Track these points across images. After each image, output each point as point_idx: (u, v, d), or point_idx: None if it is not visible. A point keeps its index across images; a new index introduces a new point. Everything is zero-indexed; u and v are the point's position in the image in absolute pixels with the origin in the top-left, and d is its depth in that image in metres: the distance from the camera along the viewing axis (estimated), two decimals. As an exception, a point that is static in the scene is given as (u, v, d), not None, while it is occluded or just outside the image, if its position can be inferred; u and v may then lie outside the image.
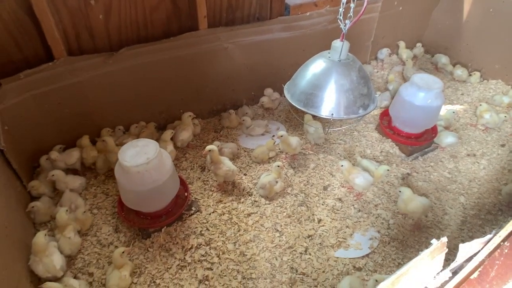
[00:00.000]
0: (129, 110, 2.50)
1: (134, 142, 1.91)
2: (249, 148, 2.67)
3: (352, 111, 1.77)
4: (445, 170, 2.65)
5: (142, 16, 2.30)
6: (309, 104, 1.78)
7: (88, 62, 2.17)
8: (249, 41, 2.71)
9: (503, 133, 2.99)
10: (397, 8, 3.47)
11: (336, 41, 1.73)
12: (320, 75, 1.75)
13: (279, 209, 2.25)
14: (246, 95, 3.04)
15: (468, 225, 2.26)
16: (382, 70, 3.70)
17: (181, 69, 2.53)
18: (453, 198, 2.44)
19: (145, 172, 1.81)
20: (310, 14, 2.81)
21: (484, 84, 3.57)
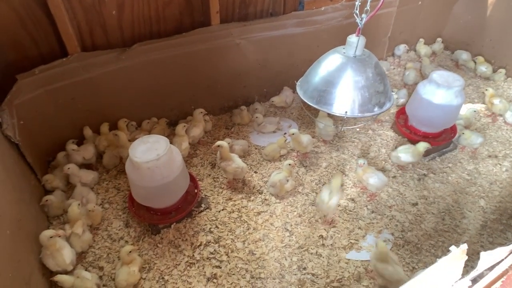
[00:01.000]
0: (141, 106, 2.49)
1: (145, 138, 1.88)
2: (260, 145, 2.61)
3: (367, 109, 1.67)
4: (464, 172, 2.51)
5: (155, 12, 2.27)
6: (322, 101, 1.69)
7: (101, 58, 2.17)
8: (262, 36, 2.64)
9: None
10: (416, 2, 3.31)
11: (351, 36, 1.63)
12: (334, 72, 1.66)
13: (289, 208, 2.19)
14: (258, 92, 2.98)
15: (489, 230, 2.14)
16: (399, 66, 3.55)
17: (193, 65, 2.50)
18: (473, 201, 2.30)
19: (155, 169, 1.78)
20: (325, 9, 2.71)
21: (508, 82, 3.37)
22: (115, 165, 2.32)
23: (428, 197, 2.31)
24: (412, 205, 2.26)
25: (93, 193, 2.10)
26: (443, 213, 2.22)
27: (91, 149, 2.24)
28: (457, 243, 2.09)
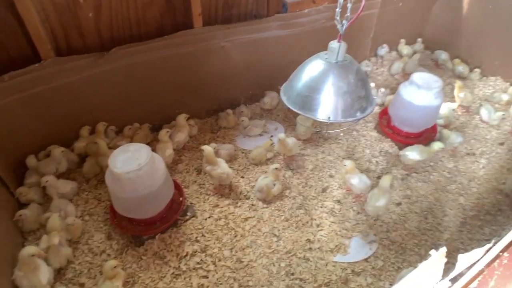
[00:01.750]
0: (122, 111, 2.35)
1: (126, 147, 1.77)
2: (246, 149, 2.53)
3: (350, 114, 1.64)
4: (445, 170, 2.52)
5: (134, 14, 2.13)
6: (305, 107, 1.65)
7: (78, 63, 2.02)
8: (246, 39, 2.55)
9: (502, 131, 2.86)
10: (397, 4, 3.30)
11: (333, 42, 1.59)
12: (317, 77, 1.61)
13: (277, 212, 2.13)
14: (244, 94, 2.89)
15: (468, 227, 2.15)
16: (382, 67, 3.54)
17: (176, 68, 2.38)
18: (453, 199, 2.31)
19: (136, 179, 1.68)
20: (308, 11, 2.64)
21: (483, 81, 3.42)
22: (95, 174, 2.19)
23: (411, 196, 2.30)
24: (396, 205, 2.25)
25: (72, 205, 1.97)
26: (426, 212, 2.21)
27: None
28: (439, 241, 2.11)
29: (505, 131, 2.85)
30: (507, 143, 2.76)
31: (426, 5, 3.56)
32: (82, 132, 2.23)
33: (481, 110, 2.93)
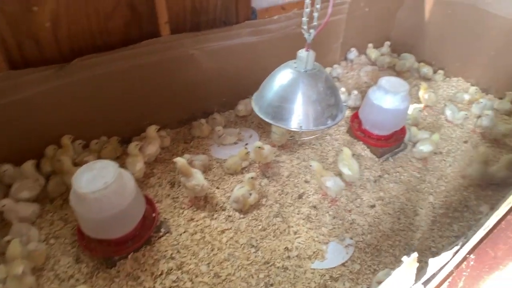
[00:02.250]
0: (88, 125, 2.21)
1: (91, 165, 1.65)
2: (221, 158, 2.46)
3: (321, 122, 1.62)
4: (415, 170, 2.57)
5: (97, 25, 2.01)
6: (277, 116, 1.61)
7: (36, 76, 1.87)
8: (216, 46, 2.48)
9: (465, 130, 2.96)
10: (364, 9, 3.34)
11: (301, 50, 1.57)
12: (287, 87, 1.59)
13: (254, 222, 2.08)
14: (217, 102, 2.81)
15: (438, 225, 2.20)
16: (351, 70, 3.58)
17: (145, 78, 2.27)
18: (423, 198, 2.36)
19: (103, 198, 1.57)
20: (278, 17, 2.61)
21: (447, 81, 3.54)
22: (61, 193, 2.03)
23: (384, 198, 2.33)
24: (370, 207, 2.26)
25: (35, 228, 1.81)
26: (398, 213, 2.24)
27: None
28: (412, 241, 2.14)
29: (468, 130, 2.96)
30: (470, 140, 2.86)
31: (391, 10, 3.64)
32: (47, 151, 2.07)
33: (445, 110, 3.03)
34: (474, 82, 3.44)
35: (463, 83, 3.50)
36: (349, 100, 2.99)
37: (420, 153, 2.55)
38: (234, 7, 2.42)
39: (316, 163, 2.22)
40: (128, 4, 2.05)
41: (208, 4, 2.37)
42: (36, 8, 1.77)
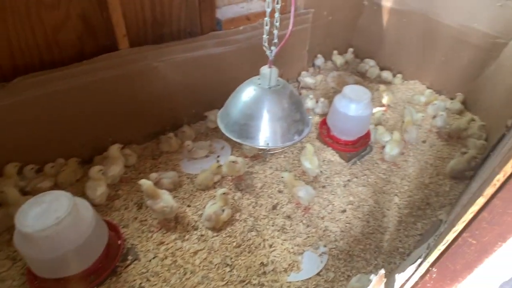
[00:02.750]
0: (41, 148, 1.90)
1: (39, 198, 1.38)
2: (192, 173, 2.24)
3: (288, 138, 1.47)
4: (381, 172, 2.50)
5: (43, 38, 1.71)
6: (243, 135, 1.43)
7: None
8: (182, 58, 2.25)
9: (423, 130, 2.96)
10: (327, 18, 3.24)
11: (264, 67, 1.40)
12: (252, 104, 1.41)
13: (228, 239, 1.88)
14: (187, 113, 2.58)
15: (404, 225, 2.14)
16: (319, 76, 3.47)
17: (104, 94, 1.99)
18: (389, 199, 2.29)
19: (56, 236, 1.31)
20: (243, 28, 2.42)
21: (405, 84, 3.54)
22: (7, 227, 1.70)
23: (353, 202, 2.23)
24: (341, 212, 2.15)
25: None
26: (368, 216, 2.15)
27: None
28: (381, 243, 2.04)
29: (426, 130, 2.96)
30: (428, 140, 2.85)
31: (353, 18, 3.58)
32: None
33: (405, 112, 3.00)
34: (428, 85, 3.47)
35: (419, 86, 3.52)
36: (316, 108, 2.87)
37: (391, 157, 2.49)
38: (198, 18, 2.19)
39: (287, 174, 2.07)
40: (80, 15, 1.76)
41: (170, 16, 2.12)
42: (-34, 21, 1.45)
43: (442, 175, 2.49)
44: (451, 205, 2.30)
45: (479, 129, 2.74)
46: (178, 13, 2.17)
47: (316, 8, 2.97)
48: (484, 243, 0.83)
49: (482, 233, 0.83)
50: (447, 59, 3.19)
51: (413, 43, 3.35)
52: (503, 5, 2.67)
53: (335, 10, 3.27)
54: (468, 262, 0.89)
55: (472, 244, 0.86)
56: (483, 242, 0.84)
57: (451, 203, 2.31)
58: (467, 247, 0.87)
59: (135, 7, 1.95)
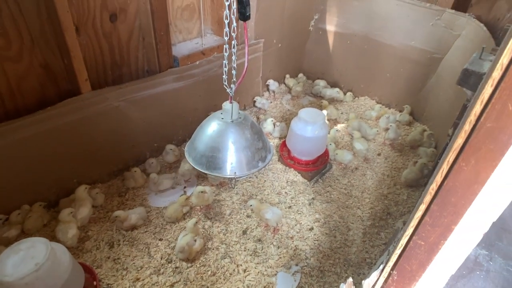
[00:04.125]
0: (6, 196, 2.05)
1: (16, 246, 1.57)
2: (160, 206, 2.50)
3: (253, 166, 1.84)
4: (342, 187, 2.96)
5: (7, 88, 1.93)
6: (211, 166, 1.78)
7: None
8: (142, 95, 2.56)
9: (378, 143, 3.51)
10: (277, 45, 3.79)
11: (226, 103, 1.79)
12: (217, 137, 1.77)
13: (203, 269, 2.15)
14: (149, 148, 2.85)
15: (368, 236, 2.51)
16: (274, 100, 3.97)
17: (67, 138, 2.22)
18: (352, 213, 2.71)
19: (36, 282, 1.50)
20: (199, 62, 2.82)
21: (356, 101, 4.17)
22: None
23: (319, 219, 2.62)
24: (309, 230, 2.53)
25: None
26: (334, 231, 2.55)
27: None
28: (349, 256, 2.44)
29: (380, 143, 3.52)
30: (383, 152, 3.41)
31: (301, 43, 4.19)
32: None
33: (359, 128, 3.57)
34: (378, 100, 4.13)
35: (369, 101, 4.16)
36: (274, 132, 3.33)
37: (342, 159, 3.05)
38: (155, 57, 2.55)
39: (254, 201, 2.39)
40: (42, 65, 2.02)
41: (129, 57, 2.46)
42: None
43: (399, 185, 2.94)
44: (409, 212, 2.78)
45: (428, 137, 3.28)
46: (135, 54, 2.51)
47: (266, 37, 3.50)
48: (430, 243, 1.00)
49: (427, 235, 0.99)
50: (392, 75, 3.87)
51: (359, 62, 4.01)
52: (434, 24, 3.40)
53: (284, 38, 3.84)
54: (421, 262, 1.05)
55: (422, 245, 1.02)
56: (430, 243, 1.00)
57: (410, 211, 2.79)
58: (418, 248, 1.04)
59: (94, 52, 2.26)
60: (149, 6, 2.30)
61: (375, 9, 3.69)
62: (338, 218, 2.65)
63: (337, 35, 4.04)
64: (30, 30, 1.92)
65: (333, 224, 2.60)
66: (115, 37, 2.34)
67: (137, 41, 2.48)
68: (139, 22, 2.41)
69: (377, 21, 3.71)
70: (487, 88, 0.80)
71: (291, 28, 3.87)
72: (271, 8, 3.43)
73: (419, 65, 3.62)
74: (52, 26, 1.98)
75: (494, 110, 0.78)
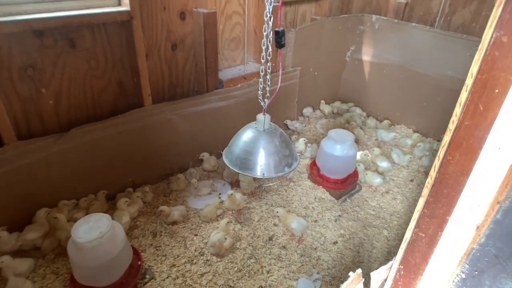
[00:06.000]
0: (78, 185, 2.62)
1: (87, 218, 2.06)
2: (198, 208, 2.92)
3: (279, 170, 2.19)
4: (370, 208, 3.15)
5: (91, 99, 2.57)
6: (243, 167, 2.16)
7: (37, 145, 2.33)
8: (190, 111, 3.10)
9: (411, 170, 3.67)
10: (313, 73, 4.23)
11: (259, 114, 2.19)
12: (250, 143, 2.17)
13: (230, 265, 2.48)
14: (192, 158, 3.35)
15: (393, 255, 2.63)
16: (309, 124, 4.34)
17: (129, 141, 2.78)
18: (378, 232, 2.88)
19: (99, 247, 1.95)
20: (241, 85, 3.34)
21: (392, 129, 4.38)
22: (52, 249, 2.36)
23: (344, 234, 2.83)
24: (333, 243, 2.75)
25: (30, 282, 2.10)
26: (358, 247, 2.74)
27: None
28: (371, 271, 2.59)
29: (413, 170, 3.67)
30: (416, 179, 3.55)
31: (337, 73, 4.60)
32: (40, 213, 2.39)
33: (392, 154, 3.77)
34: (415, 128, 4.30)
35: (405, 129, 4.35)
36: (306, 152, 3.67)
37: (372, 181, 3.27)
38: (204, 80, 3.11)
39: (281, 209, 2.72)
40: (118, 82, 2.66)
41: (183, 79, 3.05)
42: (44, 90, 2.32)
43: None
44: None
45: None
46: (189, 77, 3.10)
47: (302, 65, 3.97)
48: (430, 235, 1.05)
49: (426, 226, 1.06)
50: (428, 104, 4.05)
51: (395, 91, 4.27)
52: (472, 54, 3.62)
53: (320, 67, 4.28)
54: (423, 255, 1.10)
55: (423, 237, 1.08)
56: (429, 234, 1.06)
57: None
58: (420, 241, 1.09)
59: (157, 74, 2.87)
60: (203, 38, 2.89)
61: (410, 40, 4.00)
62: (363, 235, 2.84)
63: (373, 65, 4.38)
64: (113, 55, 2.58)
65: (358, 240, 2.79)
66: (174, 62, 2.95)
67: (190, 67, 3.08)
68: (193, 51, 3.02)
69: (413, 51, 4.00)
70: (463, 93, 1.03)
71: (327, 58, 4.32)
72: (308, 40, 3.92)
73: (456, 94, 3.74)
74: (128, 53, 2.62)
75: (469, 110, 0.98)
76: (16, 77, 2.21)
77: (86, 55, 2.44)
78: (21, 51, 2.18)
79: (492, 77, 1.00)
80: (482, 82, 1.04)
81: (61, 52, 2.33)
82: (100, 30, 2.43)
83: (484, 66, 1.03)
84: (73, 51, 2.38)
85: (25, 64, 2.22)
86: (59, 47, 2.31)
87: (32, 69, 2.26)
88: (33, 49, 2.21)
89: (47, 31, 2.21)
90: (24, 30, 2.10)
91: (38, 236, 2.29)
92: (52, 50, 2.29)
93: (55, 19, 2.15)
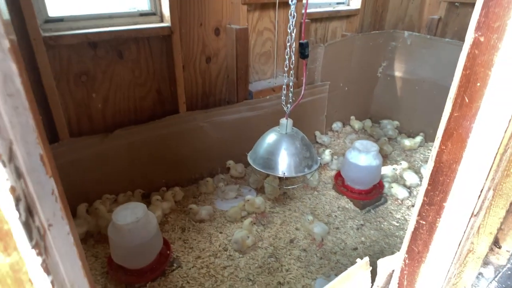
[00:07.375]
0: (118, 181, 3.04)
1: (126, 205, 2.43)
2: (224, 209, 3.21)
3: (299, 170, 2.44)
4: (394, 220, 3.26)
5: (133, 104, 3.03)
6: (266, 166, 2.45)
7: (86, 142, 2.79)
8: (221, 120, 3.47)
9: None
10: (343, 88, 4.48)
11: (282, 119, 2.49)
12: (273, 145, 2.46)
13: (251, 261, 2.71)
14: (221, 164, 3.68)
15: None
16: (338, 138, 4.55)
17: (164, 145, 3.19)
18: (400, 242, 2.99)
19: (134, 230, 2.30)
20: (269, 97, 3.67)
21: (426, 146, 4.45)
22: (93, 235, 2.76)
23: (365, 242, 2.97)
24: (353, 249, 2.89)
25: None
26: (378, 254, 2.86)
27: None
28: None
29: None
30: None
31: (369, 88, 4.80)
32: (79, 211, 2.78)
33: (421, 169, 3.85)
34: (449, 146, 4.34)
35: (439, 147, 4.40)
36: (332, 164, 3.87)
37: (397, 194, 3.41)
38: (235, 90, 3.49)
39: (312, 216, 2.93)
40: (157, 90, 3.11)
41: (215, 89, 3.45)
42: (94, 94, 2.81)
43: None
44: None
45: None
46: (220, 87, 3.50)
47: (332, 80, 4.24)
48: (429, 222, 1.11)
49: (426, 214, 1.11)
50: (463, 122, 4.13)
51: (428, 107, 4.38)
52: None
53: (351, 82, 4.53)
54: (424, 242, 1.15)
55: (424, 225, 1.13)
56: (429, 222, 1.11)
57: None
58: (421, 228, 1.14)
59: (191, 84, 3.30)
60: (235, 51, 3.30)
61: (443, 56, 4.15)
62: (384, 244, 2.96)
63: (406, 81, 4.55)
64: (154, 66, 3.04)
65: (378, 248, 2.91)
66: (207, 74, 3.38)
67: (223, 78, 3.49)
68: (226, 63, 3.43)
69: (445, 67, 4.13)
70: (452, 88, 1.27)
71: (359, 73, 4.56)
72: (338, 55, 4.21)
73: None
74: (167, 64, 3.08)
75: (457, 103, 1.19)
76: (72, 83, 2.71)
77: (131, 65, 2.92)
78: (78, 60, 2.68)
79: (474, 72, 1.22)
80: (466, 77, 1.26)
81: (110, 61, 2.82)
82: (144, 43, 2.91)
83: (467, 62, 1.26)
84: (120, 61, 2.87)
85: (80, 71, 2.72)
86: (109, 57, 2.81)
87: (86, 76, 2.76)
88: (87, 59, 2.72)
89: (100, 43, 2.72)
90: (82, 42, 2.61)
91: (83, 231, 2.69)
92: (103, 60, 2.78)
93: (108, 33, 2.65)
